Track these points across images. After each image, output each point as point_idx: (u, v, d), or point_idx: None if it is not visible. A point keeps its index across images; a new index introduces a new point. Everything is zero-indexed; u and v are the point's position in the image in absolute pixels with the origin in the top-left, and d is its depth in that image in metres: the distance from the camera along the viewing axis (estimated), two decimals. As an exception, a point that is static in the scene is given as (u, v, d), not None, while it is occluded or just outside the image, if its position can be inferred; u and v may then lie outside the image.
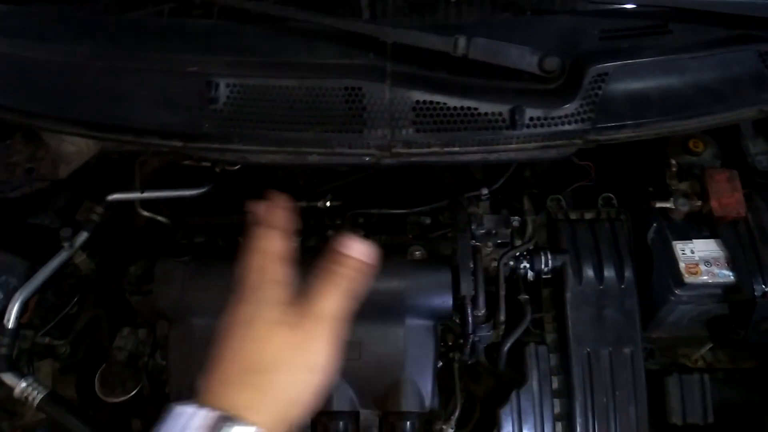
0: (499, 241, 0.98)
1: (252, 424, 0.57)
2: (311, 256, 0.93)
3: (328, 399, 0.94)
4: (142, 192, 1.16)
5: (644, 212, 1.00)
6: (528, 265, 0.96)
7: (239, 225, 1.17)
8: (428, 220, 1.05)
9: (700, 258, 0.93)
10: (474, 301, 0.92)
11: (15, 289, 1.15)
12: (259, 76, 0.92)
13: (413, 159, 0.94)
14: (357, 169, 1.15)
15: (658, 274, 0.97)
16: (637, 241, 1.00)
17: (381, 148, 0.91)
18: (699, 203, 0.96)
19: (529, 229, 0.98)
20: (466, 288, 0.92)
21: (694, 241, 0.95)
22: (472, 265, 0.93)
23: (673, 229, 0.96)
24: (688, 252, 0.94)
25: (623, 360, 0.92)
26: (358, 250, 0.67)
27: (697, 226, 0.97)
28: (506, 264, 0.95)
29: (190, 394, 0.92)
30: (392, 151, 0.91)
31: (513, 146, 0.91)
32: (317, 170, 1.23)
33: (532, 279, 0.99)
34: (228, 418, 0.57)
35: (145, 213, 1.20)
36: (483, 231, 0.97)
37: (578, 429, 0.91)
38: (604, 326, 0.93)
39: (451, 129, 0.89)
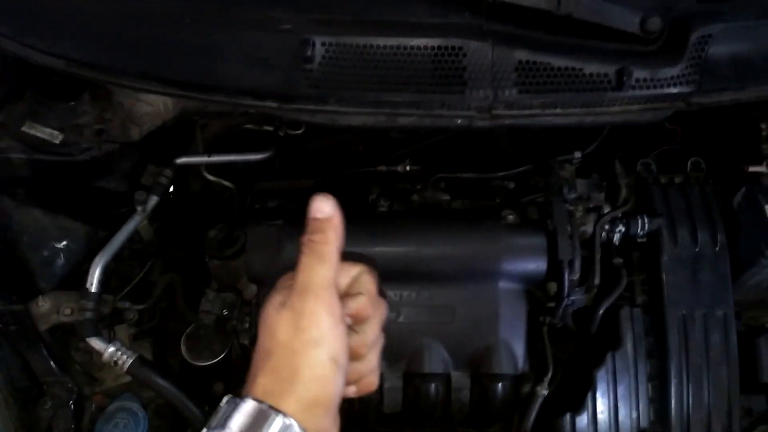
0: (591, 206, 0.97)
1: (277, 411, 0.57)
2: (398, 221, 0.92)
3: (421, 361, 0.95)
4: (209, 156, 1.14)
5: (731, 177, 1.00)
6: (623, 229, 0.96)
7: (310, 190, 1.16)
8: (512, 185, 1.04)
9: (794, 220, 0.94)
10: (571, 265, 0.92)
11: (76, 255, 1.15)
12: (355, 35, 0.89)
13: (508, 122, 0.93)
14: (431, 134, 1.13)
15: (746, 238, 0.98)
16: (723, 206, 1.00)
17: (481, 110, 0.90)
18: (792, 167, 0.96)
19: (623, 192, 0.98)
20: (565, 252, 0.92)
21: (785, 204, 0.95)
22: (569, 229, 0.93)
23: (763, 192, 0.96)
24: (779, 215, 0.95)
25: (716, 322, 0.94)
26: (320, 210, 0.67)
27: (789, 190, 0.97)
28: (602, 228, 0.95)
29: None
30: (492, 113, 0.90)
31: (616, 108, 0.90)
32: (379, 136, 1.21)
33: (617, 243, 0.99)
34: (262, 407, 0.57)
35: (211, 177, 1.18)
36: (575, 195, 0.97)
37: (672, 389, 0.93)
38: (698, 289, 0.94)
39: (555, 90, 0.88)
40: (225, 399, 0.61)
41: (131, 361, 0.94)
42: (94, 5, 0.93)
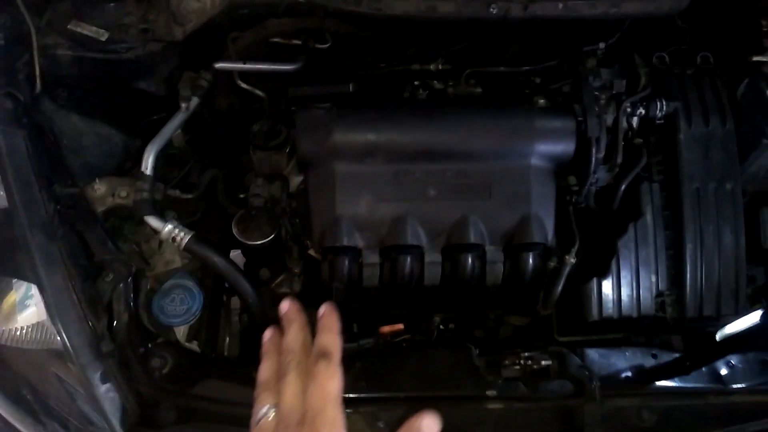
0: (614, 92, 1.06)
1: None
2: (438, 106, 0.94)
3: (461, 233, 1.02)
4: (245, 63, 1.19)
5: (737, 70, 1.10)
6: (643, 112, 1.04)
7: (346, 94, 1.22)
8: (538, 80, 1.12)
9: (793, 104, 1.04)
10: (598, 142, 1.01)
11: (111, 161, 1.19)
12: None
13: (540, 12, 1.01)
14: (459, 35, 1.20)
15: (749, 124, 1.07)
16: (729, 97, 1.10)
17: (520, -3, 0.98)
18: (791, 56, 1.06)
19: (643, 79, 1.06)
20: (593, 130, 1.00)
21: (786, 90, 1.06)
22: (596, 110, 1.01)
23: (766, 79, 1.06)
24: (781, 99, 1.05)
25: (726, 194, 1.03)
26: (430, 428, 0.66)
27: (788, 78, 1.07)
28: (624, 110, 1.04)
29: (332, 237, 0.99)
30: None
31: (639, -4, 0.99)
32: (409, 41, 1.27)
33: (636, 126, 1.08)
34: None
35: (244, 85, 1.22)
36: (600, 83, 1.05)
37: (688, 255, 1.02)
38: (710, 164, 1.04)
39: (585, -23, 0.96)
40: None
41: (189, 237, 1.00)
42: None
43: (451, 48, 1.18)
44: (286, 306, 0.80)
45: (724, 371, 0.97)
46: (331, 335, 0.73)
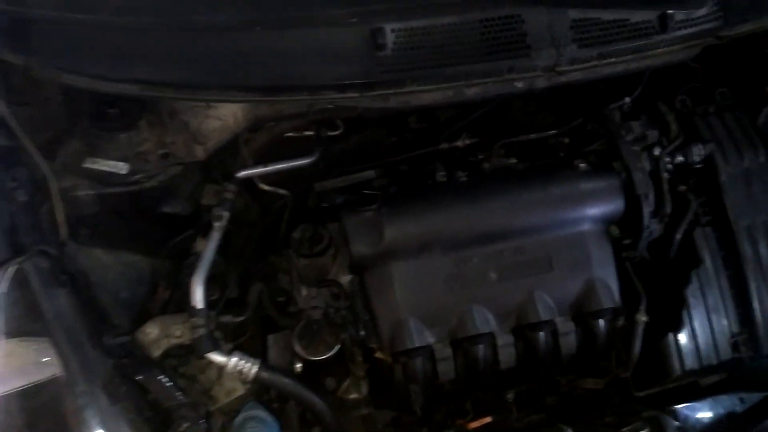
0: (648, 143, 1.07)
1: None
2: (481, 186, 0.94)
3: (530, 312, 1.00)
4: (265, 166, 1.16)
5: (753, 101, 1.12)
6: (683, 158, 1.05)
7: (367, 182, 1.20)
8: (567, 140, 1.13)
9: (812, 129, 1.07)
10: (647, 197, 1.01)
11: (142, 288, 1.13)
12: (421, 17, 0.95)
13: (564, 79, 1.01)
14: (478, 106, 1.19)
15: (776, 151, 1.10)
16: (751, 128, 1.12)
17: (546, 69, 0.97)
18: (804, 82, 1.09)
19: (674, 127, 1.08)
20: (641, 186, 1.00)
21: (806, 116, 1.08)
22: (639, 164, 1.01)
23: (786, 108, 1.09)
24: (802, 124, 1.07)
25: (775, 224, 1.05)
26: None
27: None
28: (664, 160, 1.05)
29: (400, 336, 0.96)
30: (557, 69, 0.97)
31: (660, 50, 1.00)
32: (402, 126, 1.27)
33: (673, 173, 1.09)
34: None
35: (266, 187, 1.19)
36: (633, 136, 1.06)
37: (753, 292, 1.03)
38: (754, 199, 1.05)
39: (608, 41, 0.97)
40: None
41: (256, 367, 0.95)
42: (158, 25, 0.94)
43: (469, 119, 1.18)
44: None
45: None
46: None
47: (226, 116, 1.05)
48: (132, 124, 1.08)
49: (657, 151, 1.06)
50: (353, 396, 1.07)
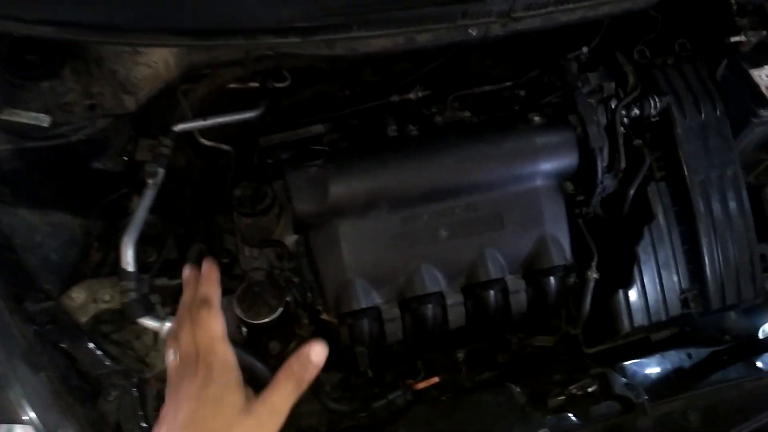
0: (605, 95, 1.03)
1: None
2: (432, 141, 0.89)
3: (480, 270, 0.97)
4: (205, 119, 1.08)
5: (711, 53, 1.09)
6: (638, 111, 1.02)
7: (316, 137, 1.14)
8: (523, 92, 1.08)
9: (775, 80, 1.04)
10: (601, 151, 0.98)
11: (73, 251, 1.07)
12: (369, -45, 0.88)
13: (520, 26, 0.96)
14: (432, 58, 1.13)
15: (735, 104, 1.07)
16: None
17: (501, 15, 0.92)
18: (765, 32, 1.06)
19: (631, 78, 1.04)
20: (596, 140, 0.96)
21: (765, 66, 1.06)
22: (595, 118, 0.98)
23: (745, 59, 1.06)
24: (764, 77, 1.05)
25: (729, 181, 1.03)
26: (319, 355, 0.81)
27: (764, 54, 1.07)
28: (620, 113, 1.01)
29: (347, 297, 0.92)
30: (512, 15, 0.92)
31: (622, -5, 0.95)
32: (357, 77, 1.20)
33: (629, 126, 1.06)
34: None
35: (207, 142, 1.12)
36: (590, 88, 1.02)
37: (704, 248, 1.01)
38: (710, 153, 1.03)
39: (565, -15, 0.92)
40: None
41: (192, 332, 0.90)
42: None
43: (423, 70, 1.13)
44: (185, 272, 0.91)
45: (760, 364, 0.97)
46: (210, 285, 0.85)
47: (156, 63, 0.96)
48: (54, 72, 0.98)
49: (614, 104, 1.03)
50: (300, 359, 1.03)
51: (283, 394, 0.77)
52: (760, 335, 1.07)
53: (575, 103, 0.98)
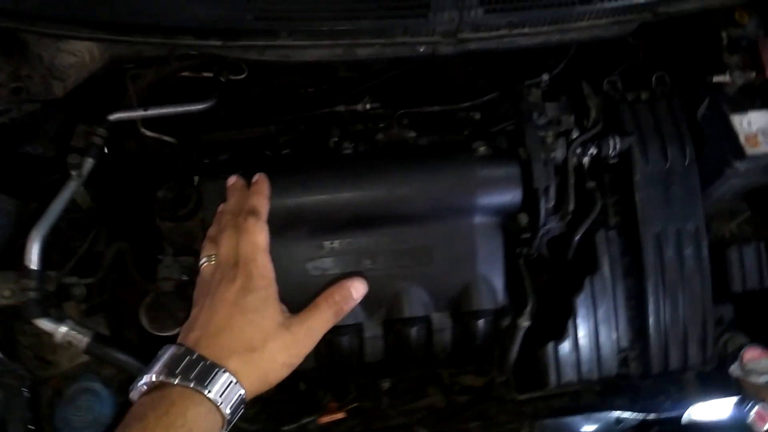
0: (561, 130, 0.94)
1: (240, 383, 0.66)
2: (366, 163, 0.85)
3: (401, 306, 0.91)
4: (146, 110, 1.03)
5: (695, 89, 0.99)
6: (595, 151, 0.93)
7: (262, 139, 1.08)
8: (478, 116, 1.00)
9: (758, 129, 0.94)
10: (546, 192, 0.90)
11: (4, 232, 1.03)
12: (304, -42, 0.80)
13: (473, 46, 0.87)
14: (387, 69, 1.06)
15: (712, 149, 0.97)
16: (688, 119, 0.99)
17: (446, 34, 0.84)
18: (753, 74, 0.95)
19: (593, 113, 0.95)
20: (540, 180, 0.89)
21: (749, 112, 0.95)
22: (542, 156, 0.89)
23: (728, 102, 0.96)
24: (745, 124, 0.94)
25: (689, 236, 0.94)
26: (359, 291, 0.79)
27: (750, 98, 0.97)
28: (574, 152, 0.93)
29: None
30: (458, 36, 0.84)
31: (583, 23, 0.86)
32: (331, 75, 1.13)
33: (588, 166, 0.97)
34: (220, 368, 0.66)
35: (149, 133, 1.07)
36: (546, 120, 0.93)
37: (650, 307, 0.93)
38: (670, 205, 0.94)
39: (522, 8, 0.82)
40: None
41: (87, 339, 0.86)
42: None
43: (374, 81, 1.05)
44: (232, 179, 0.86)
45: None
46: (260, 197, 0.82)
47: (81, 52, 0.91)
48: (-23, 53, 0.94)
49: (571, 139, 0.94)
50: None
51: (322, 319, 0.75)
52: (684, 419, 0.98)
53: (524, 136, 0.90)
